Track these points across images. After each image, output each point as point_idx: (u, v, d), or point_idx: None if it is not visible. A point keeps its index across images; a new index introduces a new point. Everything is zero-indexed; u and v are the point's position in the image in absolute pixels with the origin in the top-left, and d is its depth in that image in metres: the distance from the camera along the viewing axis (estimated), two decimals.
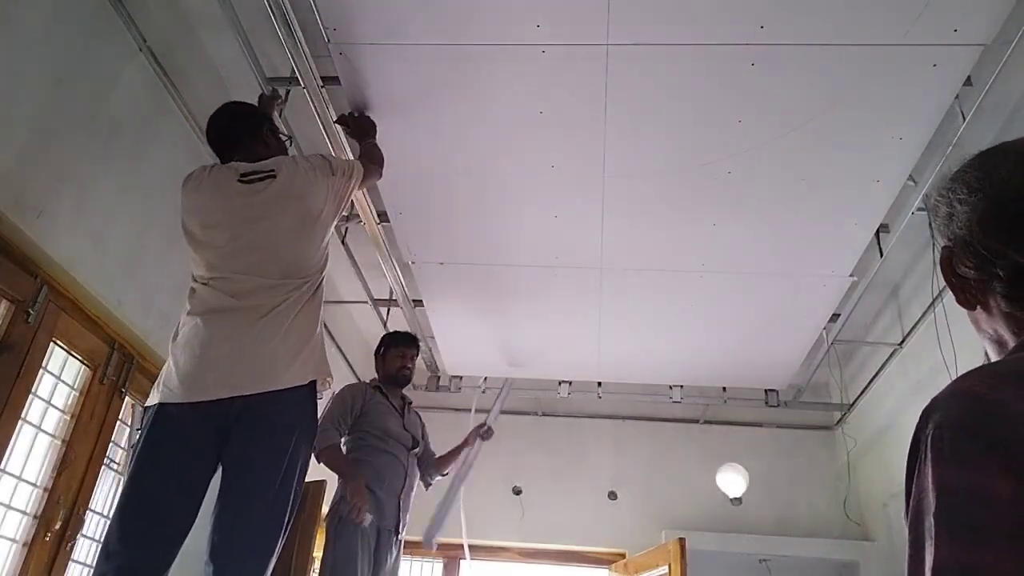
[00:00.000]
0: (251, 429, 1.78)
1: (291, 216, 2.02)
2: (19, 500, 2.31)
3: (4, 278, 2.13)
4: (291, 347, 1.88)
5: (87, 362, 2.55)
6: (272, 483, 1.76)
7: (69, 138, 2.27)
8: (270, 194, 2.02)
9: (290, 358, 1.87)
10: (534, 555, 5.19)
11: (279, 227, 2.00)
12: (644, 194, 2.98)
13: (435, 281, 3.73)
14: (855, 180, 2.82)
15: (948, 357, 3.33)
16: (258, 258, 1.96)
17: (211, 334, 1.86)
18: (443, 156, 2.90)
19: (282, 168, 2.08)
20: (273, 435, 1.81)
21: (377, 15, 2.33)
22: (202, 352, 1.83)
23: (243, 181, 2.04)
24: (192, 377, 1.81)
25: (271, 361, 1.84)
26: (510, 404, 5.39)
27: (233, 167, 2.09)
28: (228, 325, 1.87)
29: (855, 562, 4.71)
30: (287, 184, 2.05)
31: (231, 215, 2.01)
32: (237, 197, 2.02)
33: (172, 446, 1.77)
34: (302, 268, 2.01)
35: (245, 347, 1.84)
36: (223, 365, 1.82)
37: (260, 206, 2.00)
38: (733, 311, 3.75)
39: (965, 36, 2.20)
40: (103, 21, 2.37)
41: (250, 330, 1.85)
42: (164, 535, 1.70)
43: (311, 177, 2.09)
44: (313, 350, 1.94)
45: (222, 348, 1.84)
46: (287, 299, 1.91)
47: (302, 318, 1.93)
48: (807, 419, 5.20)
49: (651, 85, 2.49)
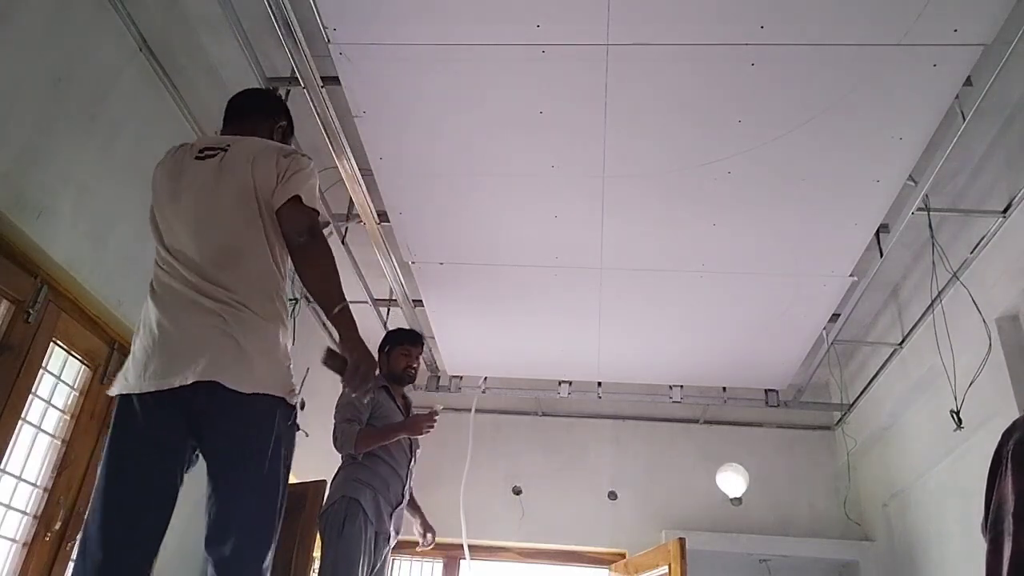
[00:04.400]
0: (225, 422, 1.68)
1: (231, 190, 1.80)
2: (19, 500, 2.31)
3: (4, 278, 2.13)
4: (253, 350, 1.69)
5: (87, 362, 2.55)
6: (260, 465, 1.66)
7: (69, 138, 2.27)
8: (215, 166, 1.83)
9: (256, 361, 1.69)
10: (534, 555, 5.19)
11: (219, 204, 1.80)
12: (644, 194, 2.98)
13: (435, 281, 3.73)
14: (855, 180, 2.82)
15: (948, 357, 3.33)
16: (201, 236, 1.78)
17: (161, 317, 1.73)
18: (443, 156, 2.90)
19: (238, 142, 1.90)
20: (250, 432, 1.69)
21: (377, 15, 2.33)
22: (156, 336, 1.70)
23: (199, 157, 1.87)
24: (145, 365, 1.68)
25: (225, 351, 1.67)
26: (510, 404, 5.41)
27: (195, 144, 1.94)
28: (176, 307, 1.73)
29: (855, 562, 4.72)
30: (234, 156, 1.84)
31: (180, 191, 1.84)
32: (189, 173, 1.85)
33: (136, 440, 1.67)
34: (251, 260, 1.77)
35: (197, 331, 1.68)
36: (178, 350, 1.67)
37: (204, 179, 1.83)
38: (733, 311, 3.75)
39: (965, 36, 2.20)
40: (103, 21, 2.37)
41: (200, 315, 1.69)
42: (139, 531, 1.63)
43: (263, 150, 1.86)
44: (280, 363, 1.75)
45: (173, 332, 1.70)
46: (238, 291, 1.73)
47: (262, 325, 1.73)
48: (807, 419, 5.21)
49: (651, 85, 2.49)
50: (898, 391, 4.10)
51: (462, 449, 4.34)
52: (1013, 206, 2.92)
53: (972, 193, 3.18)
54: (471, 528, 4.24)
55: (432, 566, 5.23)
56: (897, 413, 4.23)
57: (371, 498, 2.88)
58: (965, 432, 3.29)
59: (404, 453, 3.09)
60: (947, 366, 3.34)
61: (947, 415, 3.33)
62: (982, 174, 3.11)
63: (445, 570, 5.20)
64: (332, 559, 2.77)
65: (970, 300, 3.16)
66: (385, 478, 2.96)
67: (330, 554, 2.79)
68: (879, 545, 4.61)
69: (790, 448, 5.22)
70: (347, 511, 2.81)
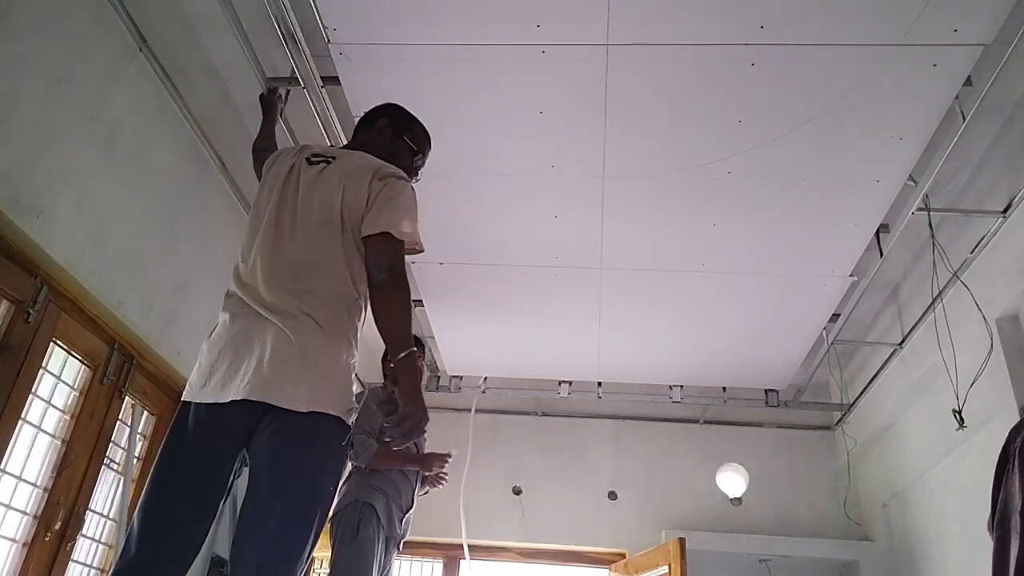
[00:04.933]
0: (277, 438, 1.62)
1: (319, 204, 1.77)
2: (19, 500, 2.31)
3: (4, 278, 2.13)
4: (312, 366, 1.65)
5: (87, 362, 2.55)
6: (305, 483, 1.61)
7: (69, 138, 2.27)
8: (315, 176, 1.79)
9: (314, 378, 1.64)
10: (534, 555, 5.19)
11: (309, 214, 1.76)
12: (644, 194, 2.98)
13: (435, 281, 3.73)
14: (855, 180, 2.82)
15: (948, 357, 3.33)
16: (282, 244, 1.74)
17: (228, 325, 1.70)
18: (443, 156, 2.89)
19: (344, 155, 1.85)
20: (300, 449, 1.63)
21: (377, 15, 2.33)
22: (221, 346, 1.67)
23: (309, 161, 1.84)
24: (209, 374, 1.65)
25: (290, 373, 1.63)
26: (510, 404, 5.41)
27: (310, 147, 1.91)
28: (243, 317, 1.69)
29: (855, 562, 4.71)
30: (333, 169, 1.80)
31: (282, 190, 1.81)
32: (293, 175, 1.82)
33: (189, 448, 1.63)
34: (326, 274, 1.72)
35: (259, 345, 1.64)
36: (238, 364, 1.64)
37: (303, 186, 1.79)
38: (733, 311, 3.75)
39: (965, 36, 2.20)
40: (103, 21, 2.37)
41: (264, 327, 1.66)
42: (180, 536, 1.60)
43: (359, 167, 1.80)
44: (339, 380, 1.69)
45: (237, 344, 1.66)
46: (309, 310, 1.68)
47: (324, 339, 1.68)
48: (807, 419, 5.20)
49: (651, 85, 2.49)
50: (898, 391, 4.10)
51: (462, 449, 4.33)
52: (1013, 206, 2.92)
53: (972, 193, 3.18)
54: (471, 528, 4.24)
55: (432, 566, 5.22)
56: (897, 413, 4.23)
57: (384, 504, 2.90)
58: (965, 432, 3.29)
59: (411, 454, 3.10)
60: (947, 366, 3.34)
61: (947, 415, 3.33)
62: (982, 174, 3.11)
63: (445, 570, 5.19)
64: (345, 563, 2.75)
65: (970, 300, 3.16)
66: (397, 484, 2.98)
67: (343, 558, 2.77)
68: (879, 545, 4.61)
69: (790, 448, 5.22)
70: (362, 515, 2.81)
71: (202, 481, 1.64)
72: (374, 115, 2.09)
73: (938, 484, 3.87)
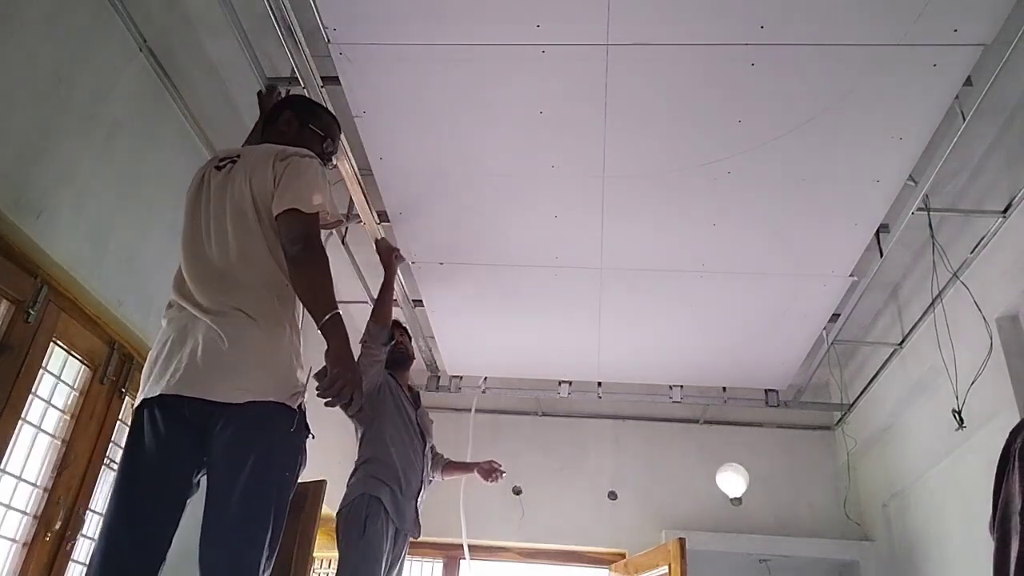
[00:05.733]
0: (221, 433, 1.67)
1: (232, 201, 1.83)
2: (19, 500, 2.31)
3: (4, 278, 2.13)
4: (247, 358, 1.69)
5: (87, 362, 2.55)
6: (250, 474, 1.63)
7: (69, 138, 2.26)
8: (223, 177, 1.87)
9: (250, 369, 1.69)
10: (534, 555, 5.19)
11: (222, 211, 1.83)
12: (644, 194, 2.99)
13: (435, 281, 3.73)
14: (855, 180, 2.82)
15: (948, 357, 3.33)
16: (204, 246, 1.81)
17: (172, 331, 1.76)
18: (443, 156, 2.90)
19: (248, 151, 1.92)
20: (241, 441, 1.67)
21: (377, 15, 2.33)
22: (159, 353, 1.74)
23: (217, 167, 1.92)
24: (150, 377, 1.71)
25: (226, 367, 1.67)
26: (510, 404, 5.41)
27: (217, 155, 2.00)
28: (179, 320, 1.76)
29: (855, 562, 4.72)
30: (239, 167, 1.87)
31: (194, 203, 1.89)
32: (204, 184, 1.90)
33: (149, 447, 1.67)
34: (251, 267, 1.78)
35: (198, 349, 1.69)
36: (185, 362, 1.68)
37: (213, 190, 1.86)
38: (733, 311, 3.75)
39: (965, 36, 2.20)
40: (103, 21, 2.37)
41: (196, 326, 1.72)
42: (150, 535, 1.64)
43: (262, 156, 1.87)
44: (277, 366, 1.74)
45: (182, 347, 1.71)
46: (238, 304, 1.73)
47: (257, 330, 1.72)
48: (807, 419, 5.21)
49: (651, 85, 2.49)
50: (898, 391, 4.10)
51: (462, 449, 4.33)
52: (1013, 206, 2.92)
53: (972, 193, 3.18)
54: (471, 528, 4.24)
55: (432, 566, 5.23)
56: (897, 413, 4.23)
57: (391, 495, 2.82)
58: (965, 432, 3.29)
59: (417, 440, 3.05)
60: (947, 366, 3.34)
61: (947, 415, 3.33)
62: (982, 174, 3.11)
63: (445, 570, 5.20)
64: (354, 562, 2.69)
65: (970, 300, 3.17)
66: (403, 471, 2.91)
67: (351, 556, 2.71)
68: (879, 545, 4.61)
69: (790, 448, 5.22)
70: (368, 510, 2.75)
71: (162, 479, 1.67)
72: (278, 109, 2.14)
73: (938, 484, 3.87)
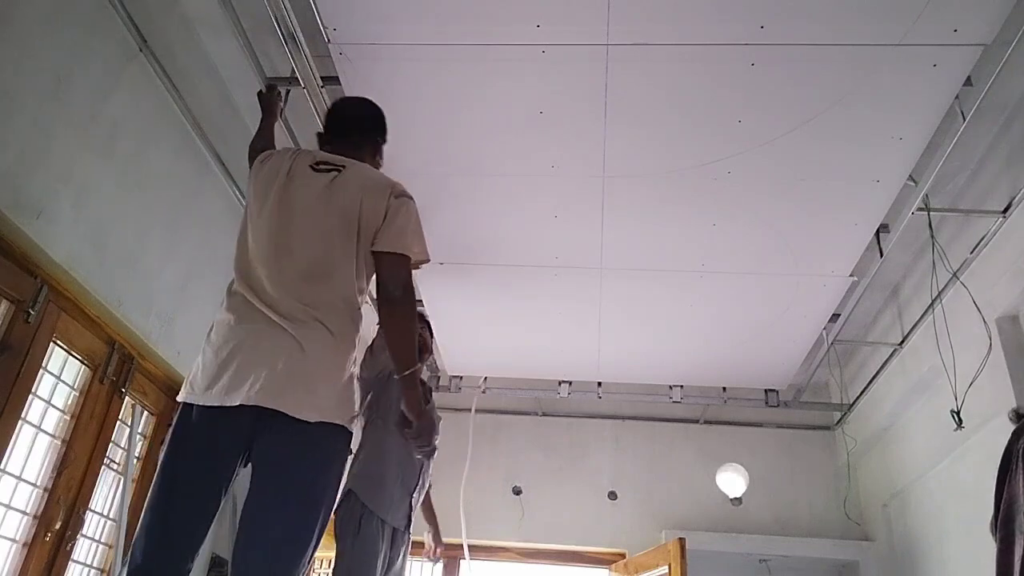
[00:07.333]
0: (282, 444, 1.65)
1: (338, 211, 1.80)
2: (19, 500, 2.31)
3: (4, 278, 2.13)
4: (323, 375, 1.68)
5: (87, 362, 2.55)
6: (309, 488, 1.63)
7: (69, 138, 2.27)
8: (327, 183, 1.83)
9: (323, 387, 1.68)
10: (534, 555, 5.19)
11: (322, 220, 1.79)
12: (644, 194, 2.99)
13: (435, 281, 3.73)
14: (855, 180, 2.82)
15: (947, 357, 3.33)
16: (293, 248, 1.76)
17: (235, 327, 1.71)
18: (443, 156, 2.90)
19: (353, 166, 1.90)
20: (305, 457, 1.66)
21: (377, 15, 2.33)
22: (230, 347, 1.68)
23: (315, 168, 1.87)
24: (215, 377, 1.66)
25: (300, 381, 1.65)
26: (510, 404, 5.42)
27: (311, 152, 1.94)
28: (252, 319, 1.70)
29: (855, 562, 4.72)
30: (347, 179, 1.84)
31: (287, 199, 1.83)
32: (299, 180, 1.85)
33: (193, 449, 1.65)
34: (337, 281, 1.76)
35: (268, 351, 1.66)
36: (247, 368, 1.65)
37: (315, 192, 1.82)
38: (733, 311, 3.75)
39: (965, 36, 2.20)
40: (103, 21, 2.37)
41: (274, 332, 1.68)
42: (186, 540, 1.61)
43: (375, 182, 1.87)
44: (346, 388, 1.73)
45: (246, 347, 1.67)
46: (320, 316, 1.70)
47: (334, 347, 1.71)
48: (807, 419, 5.21)
49: (651, 85, 2.49)
50: (898, 391, 4.10)
51: (462, 449, 4.34)
52: (1013, 206, 2.92)
53: (972, 193, 3.18)
54: (471, 528, 4.24)
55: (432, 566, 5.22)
56: (897, 413, 4.23)
57: (382, 492, 2.79)
58: (965, 432, 3.29)
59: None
60: (947, 366, 3.34)
61: (947, 415, 3.33)
62: (982, 174, 3.11)
63: (445, 570, 5.19)
64: (349, 561, 2.66)
65: (970, 300, 3.16)
66: (400, 464, 2.88)
67: (347, 554, 2.68)
68: (879, 545, 4.61)
69: (790, 448, 5.22)
70: (364, 509, 2.72)
71: (206, 484, 1.64)
72: (376, 128, 2.12)
73: (938, 484, 3.87)
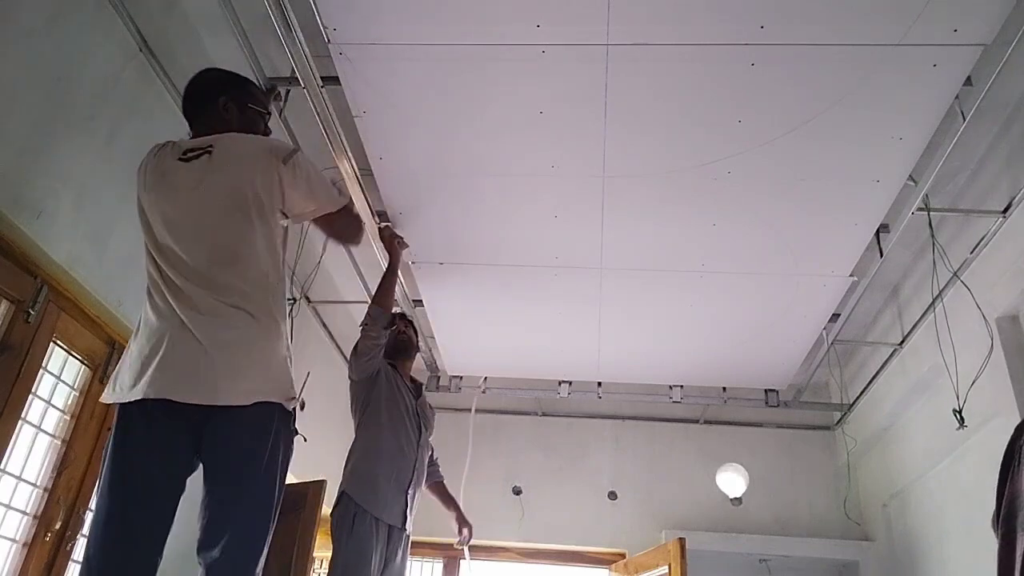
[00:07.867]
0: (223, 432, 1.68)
1: (221, 192, 1.79)
2: (19, 500, 2.31)
3: (4, 278, 2.13)
4: (251, 358, 1.71)
5: (87, 362, 2.55)
6: (256, 471, 1.67)
7: (69, 138, 2.26)
8: (201, 168, 1.81)
9: (253, 370, 1.71)
10: (534, 555, 5.19)
11: (210, 206, 1.78)
12: (644, 194, 2.98)
13: (435, 281, 3.73)
14: (855, 180, 2.82)
15: (948, 357, 3.33)
16: (193, 239, 1.77)
17: (158, 322, 1.72)
18: (443, 156, 2.90)
19: (220, 141, 1.87)
20: (246, 440, 1.70)
21: (377, 15, 2.33)
22: (153, 343, 1.69)
23: (184, 159, 1.85)
24: (141, 372, 1.67)
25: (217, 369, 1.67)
26: (510, 404, 5.42)
27: (178, 144, 1.92)
28: (172, 313, 1.71)
29: (855, 562, 4.72)
30: (220, 157, 1.83)
31: (168, 196, 1.83)
32: (171, 175, 1.84)
33: (139, 446, 1.66)
34: (244, 264, 1.76)
35: (194, 343, 1.67)
36: (176, 363, 1.67)
37: (191, 181, 1.81)
38: (733, 311, 3.75)
39: (965, 36, 2.20)
40: (103, 21, 2.37)
41: (197, 322, 1.69)
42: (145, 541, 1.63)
43: (253, 153, 1.84)
44: (279, 367, 1.76)
45: (172, 342, 1.69)
46: (237, 302, 1.72)
47: (258, 328, 1.73)
48: (807, 419, 5.21)
49: (651, 85, 2.49)
50: (898, 391, 4.10)
51: (462, 449, 4.33)
52: (1013, 206, 2.92)
53: (972, 193, 3.18)
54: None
55: (432, 566, 5.22)
56: (897, 413, 4.23)
57: (375, 491, 2.80)
58: (965, 432, 3.29)
59: (413, 430, 3.02)
60: (947, 366, 3.34)
61: (947, 415, 3.33)
62: (982, 174, 3.11)
63: (445, 570, 5.20)
64: (343, 562, 2.67)
65: (970, 300, 3.17)
66: (394, 461, 2.89)
67: (341, 554, 2.69)
68: (879, 545, 4.61)
69: (790, 448, 5.22)
70: (357, 508, 2.73)
71: (157, 482, 1.66)
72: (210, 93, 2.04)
73: (938, 484, 3.87)
